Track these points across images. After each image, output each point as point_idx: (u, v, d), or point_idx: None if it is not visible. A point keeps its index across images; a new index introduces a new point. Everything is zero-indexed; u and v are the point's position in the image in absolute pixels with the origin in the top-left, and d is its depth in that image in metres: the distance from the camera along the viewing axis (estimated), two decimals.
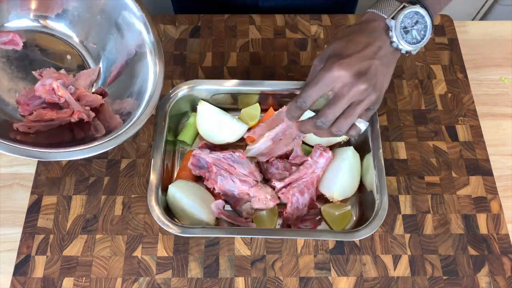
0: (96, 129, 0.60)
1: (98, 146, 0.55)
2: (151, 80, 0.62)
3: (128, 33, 0.65)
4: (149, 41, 0.64)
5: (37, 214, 0.65)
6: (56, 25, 0.66)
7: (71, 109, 0.60)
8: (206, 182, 0.65)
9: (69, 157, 0.54)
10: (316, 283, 0.62)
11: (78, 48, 0.67)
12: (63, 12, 0.65)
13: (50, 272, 0.62)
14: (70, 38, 0.67)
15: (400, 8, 0.52)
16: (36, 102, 0.60)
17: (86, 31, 0.66)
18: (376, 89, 0.52)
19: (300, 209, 0.63)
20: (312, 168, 0.64)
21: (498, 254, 0.64)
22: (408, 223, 0.66)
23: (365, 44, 0.52)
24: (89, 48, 0.67)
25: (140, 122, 0.58)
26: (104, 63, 0.67)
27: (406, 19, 0.52)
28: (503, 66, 0.80)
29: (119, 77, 0.66)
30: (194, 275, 0.62)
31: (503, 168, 0.71)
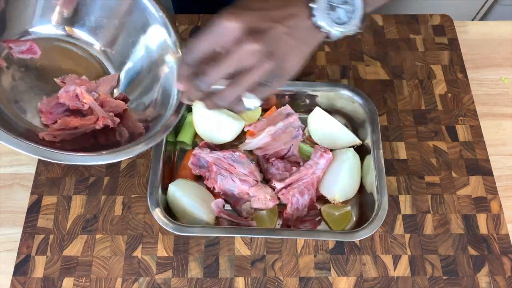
0: (121, 135, 0.60)
1: (127, 151, 0.56)
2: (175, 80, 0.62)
3: (149, 38, 0.64)
4: (171, 42, 0.63)
5: (37, 214, 0.65)
6: (79, 33, 0.65)
7: (96, 116, 0.59)
8: (206, 181, 0.65)
9: (100, 161, 0.55)
10: (316, 283, 0.62)
11: (98, 57, 0.67)
12: (86, 20, 0.65)
13: (50, 272, 0.62)
14: (92, 46, 0.66)
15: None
16: (59, 110, 0.60)
17: (107, 38, 0.66)
18: (274, 58, 0.44)
19: (300, 210, 0.63)
20: (313, 169, 0.64)
21: (498, 254, 0.64)
22: (408, 223, 0.66)
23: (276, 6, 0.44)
24: (110, 56, 0.67)
25: (167, 127, 0.59)
26: (126, 70, 0.67)
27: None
28: (503, 66, 0.80)
29: (142, 83, 0.65)
30: (194, 275, 0.62)
31: (503, 168, 0.71)
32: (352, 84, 0.77)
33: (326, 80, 0.77)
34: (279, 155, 0.68)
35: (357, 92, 0.68)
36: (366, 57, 0.80)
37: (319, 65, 0.79)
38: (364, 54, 0.80)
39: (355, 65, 0.79)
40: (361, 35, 0.82)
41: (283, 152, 0.68)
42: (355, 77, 0.78)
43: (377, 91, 0.76)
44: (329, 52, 0.80)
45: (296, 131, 0.67)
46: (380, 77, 0.78)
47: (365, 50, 0.80)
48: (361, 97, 0.68)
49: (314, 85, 0.69)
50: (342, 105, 0.70)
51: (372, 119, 0.67)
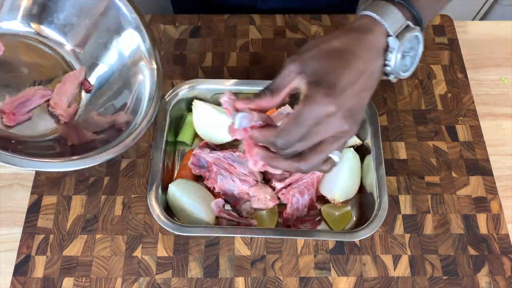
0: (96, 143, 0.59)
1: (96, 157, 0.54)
2: (148, 89, 0.61)
3: (121, 40, 0.63)
4: (145, 47, 0.62)
5: (37, 214, 0.65)
6: (47, 31, 0.64)
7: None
8: (206, 181, 0.65)
9: (63, 168, 0.52)
10: (316, 283, 0.62)
11: (67, 57, 0.65)
12: (55, 18, 0.63)
13: (50, 272, 0.62)
14: (61, 45, 0.64)
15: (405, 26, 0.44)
16: (22, 110, 0.58)
17: (78, 38, 0.64)
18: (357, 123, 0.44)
19: (300, 210, 0.63)
20: None
21: (498, 254, 0.64)
22: (408, 223, 0.66)
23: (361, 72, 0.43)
24: (80, 56, 0.65)
25: (135, 137, 0.57)
26: (96, 72, 0.65)
27: (407, 42, 0.44)
28: (503, 66, 0.80)
29: (113, 86, 0.64)
30: (194, 275, 0.62)
31: (503, 168, 0.71)
32: None
33: None
34: None
35: None
36: None
37: None
38: None
39: None
40: None
41: None
42: None
43: (377, 91, 0.75)
44: None
45: None
46: None
47: None
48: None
49: None
50: None
51: (372, 119, 0.67)
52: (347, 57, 0.43)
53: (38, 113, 0.61)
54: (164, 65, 0.78)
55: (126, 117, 0.60)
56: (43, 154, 0.55)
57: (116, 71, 0.64)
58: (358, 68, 0.43)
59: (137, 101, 0.61)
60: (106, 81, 0.65)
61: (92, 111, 0.63)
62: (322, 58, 0.43)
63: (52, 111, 0.61)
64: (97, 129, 0.61)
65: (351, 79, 0.42)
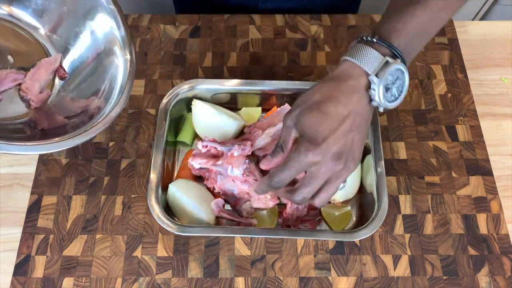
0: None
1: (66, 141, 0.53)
2: (120, 78, 0.60)
3: (97, 28, 0.62)
4: (119, 36, 0.61)
5: (37, 214, 0.65)
6: (21, 13, 0.62)
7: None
8: (206, 181, 0.65)
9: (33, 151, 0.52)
10: (316, 283, 0.62)
11: (41, 40, 0.64)
12: (32, 2, 0.62)
13: (50, 272, 0.62)
14: (36, 29, 0.63)
15: (383, 63, 0.48)
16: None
17: (53, 23, 0.63)
18: (354, 163, 0.50)
19: (299, 210, 0.63)
20: None
21: (498, 254, 0.64)
22: (408, 223, 0.66)
23: (341, 117, 0.47)
24: (54, 41, 0.64)
25: (106, 122, 0.56)
26: (70, 57, 0.64)
27: (389, 75, 0.48)
28: (503, 66, 0.80)
29: (87, 72, 0.63)
30: (194, 275, 0.62)
31: (503, 168, 0.71)
32: None
33: None
34: None
35: None
36: None
37: (319, 65, 0.79)
38: None
39: None
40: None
41: None
42: None
43: None
44: (329, 52, 0.80)
45: None
46: None
47: None
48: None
49: None
50: None
51: (372, 119, 0.67)
52: (326, 107, 0.48)
53: (9, 96, 0.60)
54: (164, 65, 0.78)
55: (99, 103, 0.60)
56: (12, 137, 0.54)
57: (90, 57, 0.63)
58: (338, 114, 0.47)
59: (110, 88, 0.60)
60: (79, 67, 0.64)
61: (65, 96, 0.62)
62: (305, 113, 0.48)
63: (23, 96, 0.60)
64: (69, 114, 0.60)
65: (331, 127, 0.47)
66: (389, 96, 0.49)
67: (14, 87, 0.60)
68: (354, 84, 0.48)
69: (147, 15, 0.83)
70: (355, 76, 0.48)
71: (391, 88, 0.49)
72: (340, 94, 0.48)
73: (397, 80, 0.49)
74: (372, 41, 0.49)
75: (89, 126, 0.56)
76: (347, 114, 0.48)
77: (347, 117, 0.48)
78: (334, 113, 0.47)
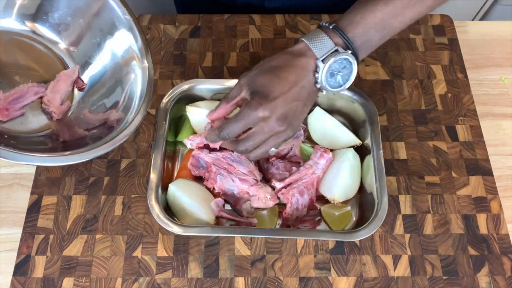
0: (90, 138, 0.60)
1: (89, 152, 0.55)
2: (139, 87, 0.62)
3: (114, 40, 0.64)
4: (137, 47, 0.63)
5: (37, 214, 0.65)
6: (42, 29, 0.64)
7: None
8: (206, 182, 0.65)
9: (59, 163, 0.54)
10: (316, 283, 0.62)
11: (61, 55, 0.66)
12: (50, 17, 0.64)
13: (50, 272, 0.62)
14: (55, 44, 0.65)
15: (332, 51, 0.52)
16: (16, 106, 0.59)
17: (70, 36, 0.65)
18: (294, 127, 0.54)
19: (299, 210, 0.63)
20: (313, 169, 0.64)
21: (498, 254, 0.64)
22: (408, 223, 0.66)
23: (291, 84, 0.53)
24: (73, 55, 0.66)
25: (130, 129, 0.58)
26: (90, 70, 0.66)
27: (335, 64, 0.53)
28: (503, 66, 0.80)
29: (105, 84, 0.65)
30: (194, 275, 0.62)
31: (503, 168, 0.71)
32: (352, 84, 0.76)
33: None
34: (279, 154, 0.68)
35: (357, 92, 0.68)
36: (366, 57, 0.80)
37: None
38: None
39: None
40: None
41: (284, 152, 0.68)
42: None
43: (377, 91, 0.76)
44: None
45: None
46: (380, 77, 0.78)
47: None
48: (361, 97, 0.68)
49: None
50: (342, 105, 0.70)
51: (372, 119, 0.67)
52: (280, 72, 0.53)
53: (31, 109, 0.61)
54: (164, 65, 0.78)
55: (118, 115, 0.61)
56: (35, 149, 0.56)
57: (108, 70, 0.65)
58: (289, 80, 0.53)
59: (129, 99, 0.62)
60: (98, 80, 0.65)
61: (84, 109, 0.64)
62: (261, 74, 0.54)
63: (45, 108, 0.62)
64: (88, 126, 0.62)
65: (282, 89, 0.52)
66: (333, 81, 0.54)
67: (36, 100, 0.62)
68: (304, 62, 0.53)
69: (147, 15, 0.83)
70: (306, 56, 0.54)
71: (336, 75, 0.54)
72: (293, 65, 0.53)
73: (344, 69, 0.54)
74: (328, 27, 0.54)
75: (115, 134, 0.57)
76: (295, 83, 0.53)
77: (295, 85, 0.53)
78: (286, 79, 0.53)
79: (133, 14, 0.64)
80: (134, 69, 0.63)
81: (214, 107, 0.58)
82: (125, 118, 0.60)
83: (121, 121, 0.60)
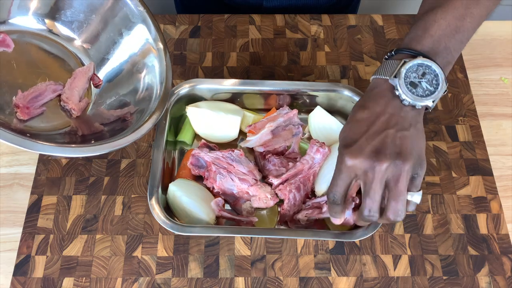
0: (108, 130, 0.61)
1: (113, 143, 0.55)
2: (157, 79, 0.62)
3: (129, 34, 0.65)
4: (152, 39, 0.63)
5: (37, 214, 0.65)
6: (58, 27, 0.65)
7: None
8: (206, 181, 0.65)
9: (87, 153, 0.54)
10: (316, 283, 0.62)
11: (76, 53, 0.66)
12: (63, 15, 0.64)
13: (50, 272, 0.62)
14: (71, 41, 0.66)
15: (401, 65, 0.49)
16: (36, 104, 0.59)
17: (87, 34, 0.66)
18: (405, 157, 0.47)
19: (296, 205, 0.63)
20: (309, 164, 0.64)
21: (498, 254, 0.64)
22: (408, 223, 0.66)
23: (371, 120, 0.49)
24: (89, 52, 0.67)
25: (150, 122, 0.59)
26: (106, 67, 0.67)
27: (411, 73, 0.49)
28: (503, 66, 0.80)
29: (123, 79, 0.65)
30: (194, 275, 0.62)
31: (503, 168, 0.71)
32: (352, 84, 0.77)
33: (326, 80, 0.77)
34: (276, 151, 0.68)
35: (357, 92, 0.68)
36: (366, 57, 0.80)
37: (319, 65, 0.79)
38: (364, 54, 0.80)
39: (355, 65, 0.79)
40: (361, 35, 0.82)
41: (281, 149, 0.68)
42: (355, 77, 0.78)
43: None
44: (329, 52, 0.80)
45: (296, 128, 0.68)
46: None
47: (365, 50, 0.80)
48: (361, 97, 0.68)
49: (314, 85, 0.69)
50: (342, 105, 0.70)
51: None
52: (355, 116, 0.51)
53: (50, 107, 0.62)
54: None
55: (135, 109, 0.62)
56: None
57: (125, 65, 0.65)
58: (366, 119, 0.49)
59: (149, 90, 0.63)
60: (115, 76, 0.66)
61: (103, 105, 0.65)
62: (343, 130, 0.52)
63: (64, 106, 0.62)
64: (105, 122, 0.62)
65: (361, 130, 0.49)
66: (420, 91, 0.49)
67: (55, 98, 0.62)
68: (378, 91, 0.50)
69: None
70: (379, 86, 0.51)
71: (419, 83, 0.49)
72: (367, 102, 0.50)
73: (425, 75, 0.49)
74: (391, 54, 0.52)
75: (141, 123, 0.58)
76: (376, 116, 0.49)
77: (377, 118, 0.49)
78: (362, 118, 0.50)
79: (146, 5, 0.64)
80: (152, 60, 0.64)
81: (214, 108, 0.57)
82: (147, 109, 0.61)
83: (142, 112, 0.61)
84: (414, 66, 0.49)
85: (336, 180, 0.50)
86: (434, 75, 0.50)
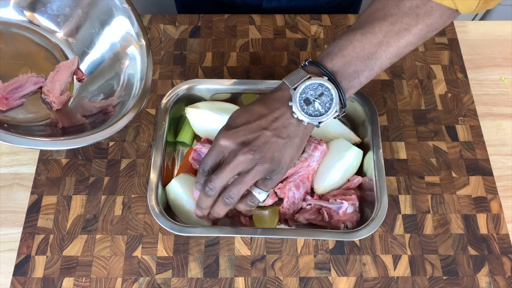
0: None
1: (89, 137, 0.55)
2: (138, 75, 0.62)
3: (112, 28, 0.64)
4: (134, 33, 0.63)
5: (37, 214, 0.65)
6: (40, 19, 0.65)
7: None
8: None
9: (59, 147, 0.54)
10: (316, 283, 0.62)
11: (59, 45, 0.66)
12: (48, 8, 0.64)
13: (50, 272, 0.62)
14: (53, 33, 0.66)
15: (304, 79, 0.51)
16: (16, 95, 0.59)
17: (69, 26, 0.66)
18: (266, 160, 0.52)
19: (296, 204, 0.63)
20: (308, 161, 0.64)
21: (498, 254, 0.64)
22: (408, 223, 0.66)
23: (258, 115, 0.53)
24: (72, 45, 0.66)
25: (126, 118, 0.58)
26: (88, 59, 0.66)
27: (309, 90, 0.51)
28: (503, 66, 0.80)
29: (104, 73, 0.65)
30: (194, 275, 0.62)
31: (503, 168, 0.71)
32: None
33: None
34: None
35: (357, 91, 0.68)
36: None
37: None
38: None
39: None
40: None
41: None
42: None
43: (377, 91, 0.76)
44: None
45: None
46: (380, 77, 0.78)
47: None
48: (361, 97, 0.68)
49: None
50: None
51: (372, 119, 0.67)
52: (250, 106, 0.54)
53: (30, 99, 0.61)
54: (164, 65, 0.78)
55: (117, 101, 0.62)
56: (35, 136, 0.56)
57: (107, 58, 0.65)
58: (257, 112, 0.53)
59: (129, 84, 0.62)
60: (97, 68, 0.66)
61: (84, 98, 0.64)
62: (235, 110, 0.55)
63: (45, 98, 0.62)
64: (86, 113, 0.62)
65: (247, 119, 0.53)
66: (311, 109, 0.52)
67: (36, 90, 0.62)
68: (279, 95, 0.54)
69: (147, 15, 0.83)
70: (282, 90, 0.54)
71: (313, 102, 0.52)
72: (267, 100, 0.54)
73: (321, 96, 0.52)
74: (306, 64, 0.54)
75: (117, 118, 0.58)
76: (265, 114, 0.53)
77: (264, 116, 0.53)
78: (254, 110, 0.53)
79: (131, 2, 0.64)
80: (134, 53, 0.64)
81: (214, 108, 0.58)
82: (127, 103, 0.60)
83: (123, 106, 0.60)
84: (315, 85, 0.52)
85: (209, 153, 0.54)
86: (330, 98, 0.52)
